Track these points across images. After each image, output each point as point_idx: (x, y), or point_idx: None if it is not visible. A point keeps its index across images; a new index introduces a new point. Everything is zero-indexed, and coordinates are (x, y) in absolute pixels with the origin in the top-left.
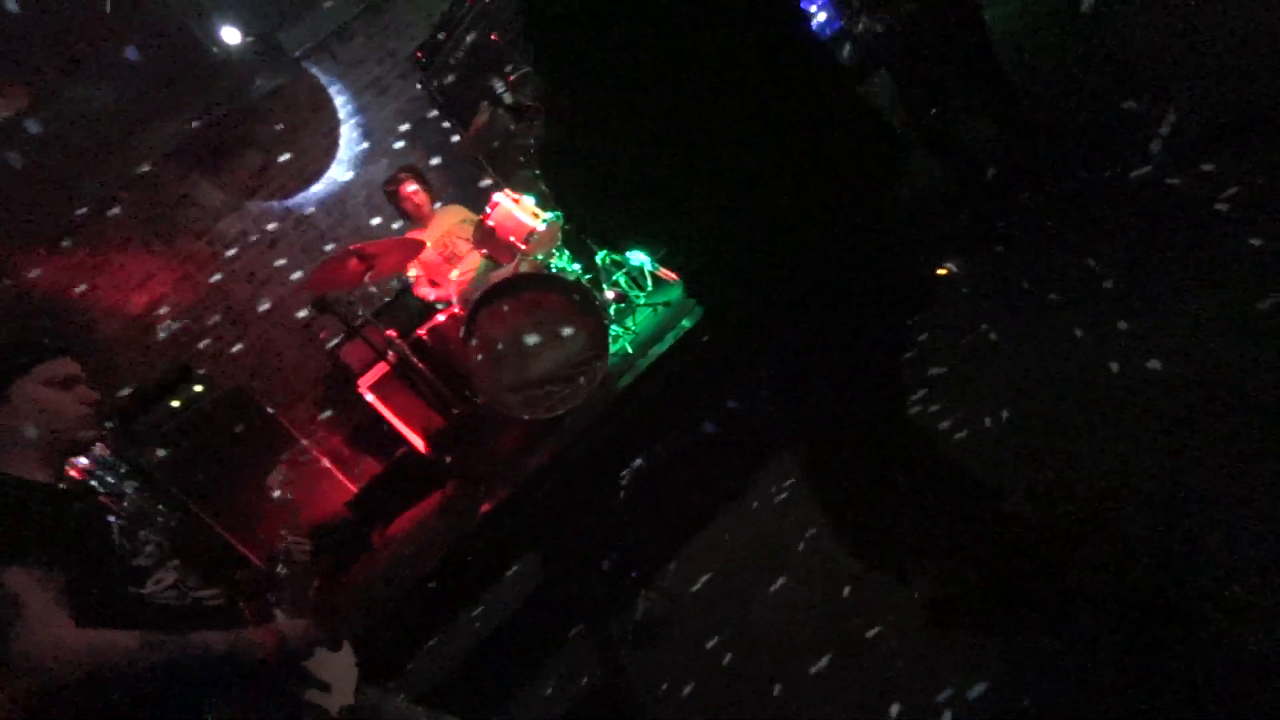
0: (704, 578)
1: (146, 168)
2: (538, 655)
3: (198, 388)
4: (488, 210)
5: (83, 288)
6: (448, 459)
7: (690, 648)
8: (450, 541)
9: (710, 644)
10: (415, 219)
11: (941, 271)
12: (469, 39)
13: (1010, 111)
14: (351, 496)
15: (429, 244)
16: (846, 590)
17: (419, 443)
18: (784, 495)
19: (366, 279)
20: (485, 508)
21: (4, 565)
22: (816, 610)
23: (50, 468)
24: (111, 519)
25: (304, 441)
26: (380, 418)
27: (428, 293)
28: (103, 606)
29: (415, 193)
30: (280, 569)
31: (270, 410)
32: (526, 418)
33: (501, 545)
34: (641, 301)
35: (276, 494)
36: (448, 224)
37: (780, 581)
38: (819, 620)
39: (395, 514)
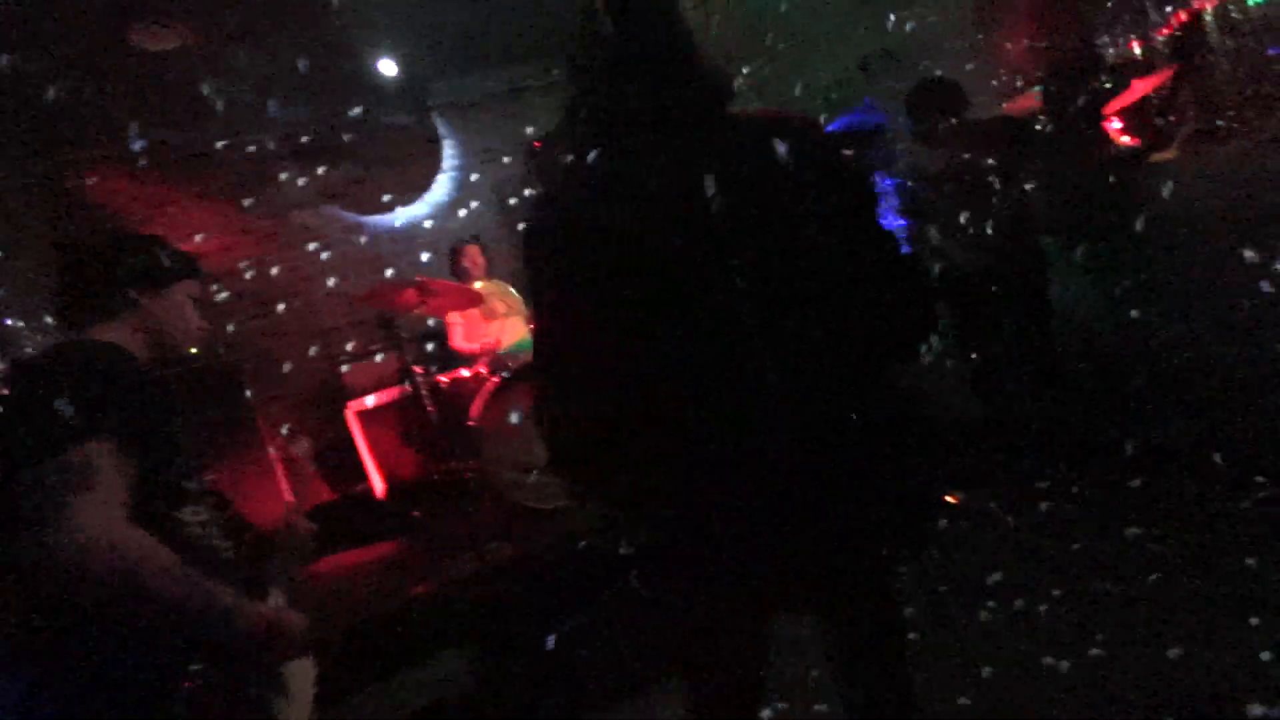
0: None
1: (253, 140)
2: None
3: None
4: None
5: (140, 217)
6: (414, 514)
7: None
8: (378, 605)
9: None
10: (465, 281)
11: (950, 499)
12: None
13: (1053, 370)
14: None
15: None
16: None
17: (379, 485)
18: None
19: (417, 310)
20: (420, 589)
21: (90, 434)
22: None
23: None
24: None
25: (267, 442)
26: (352, 448)
27: (463, 344)
28: (147, 509)
29: (475, 259)
30: (283, 539)
31: (249, 397)
32: (514, 500)
33: (428, 632)
34: None
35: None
36: (492, 291)
37: None
38: None
39: (326, 550)
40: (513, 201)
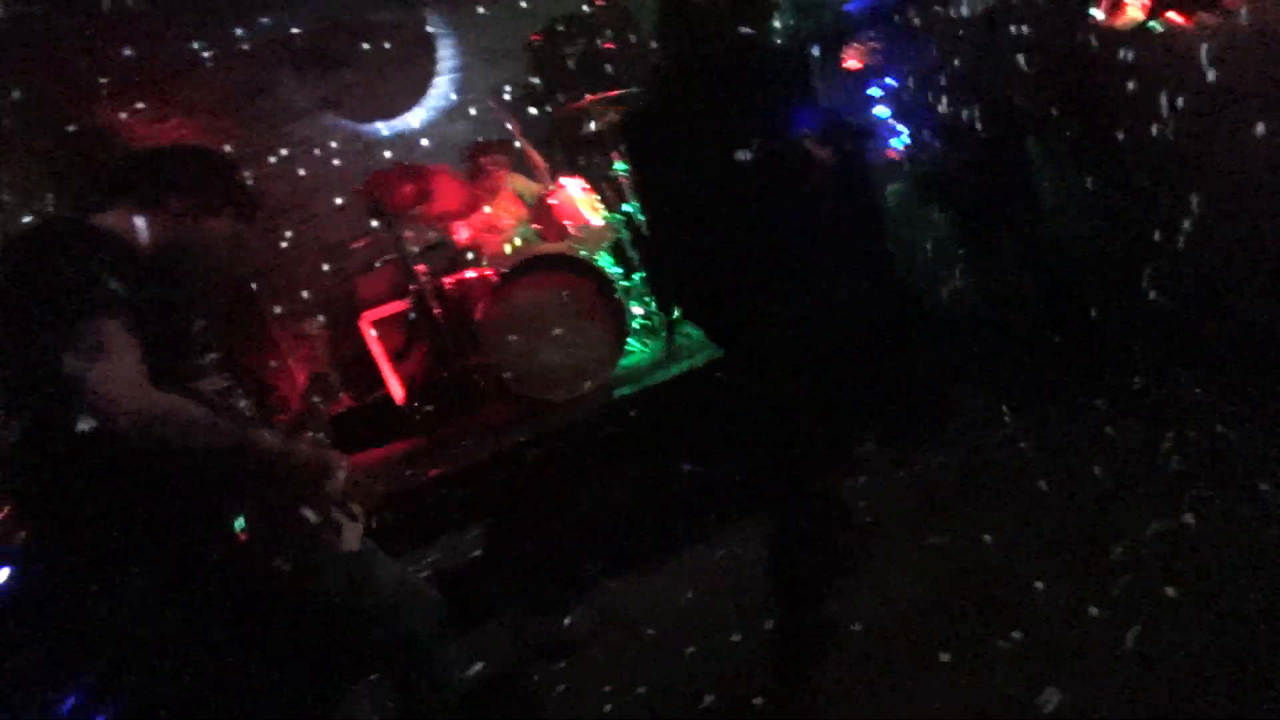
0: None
1: (246, 47)
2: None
3: None
4: (553, 187)
5: (142, 136)
6: (427, 408)
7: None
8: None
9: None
10: (481, 182)
11: None
12: (584, 40)
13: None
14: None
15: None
16: None
17: (398, 390)
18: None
19: (416, 209)
20: (435, 470)
21: (94, 312)
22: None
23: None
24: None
25: (285, 353)
26: (369, 355)
27: (463, 233)
28: (166, 382)
29: (496, 167)
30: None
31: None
32: (518, 391)
33: (440, 513)
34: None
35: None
36: (506, 190)
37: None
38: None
39: (355, 450)
40: (508, 97)
